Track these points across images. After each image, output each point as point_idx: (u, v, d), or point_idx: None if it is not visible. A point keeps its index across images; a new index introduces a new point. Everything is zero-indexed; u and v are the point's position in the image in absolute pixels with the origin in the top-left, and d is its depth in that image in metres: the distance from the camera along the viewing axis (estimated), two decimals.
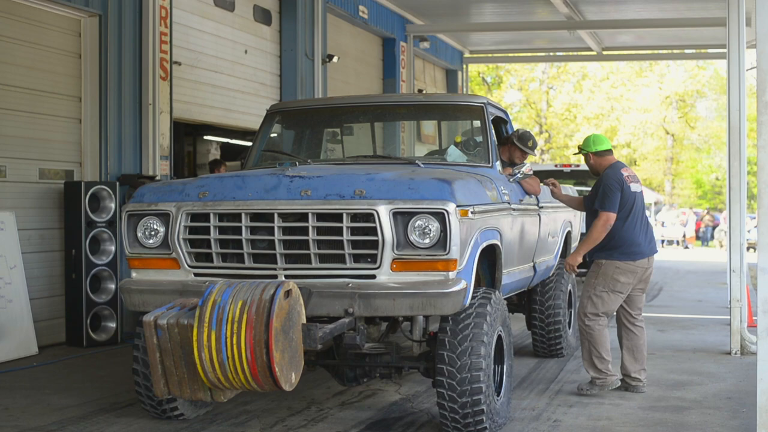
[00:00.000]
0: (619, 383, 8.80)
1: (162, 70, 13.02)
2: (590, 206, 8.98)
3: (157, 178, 12.58)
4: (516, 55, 30.89)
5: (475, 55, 28.56)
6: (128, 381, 9.39)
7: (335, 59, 18.54)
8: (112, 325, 11.79)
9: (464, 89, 27.87)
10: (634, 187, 8.77)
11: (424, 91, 24.27)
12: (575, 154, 9.40)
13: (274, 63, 17.20)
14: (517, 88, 56.39)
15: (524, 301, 10.87)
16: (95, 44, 12.14)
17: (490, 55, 29.97)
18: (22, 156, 11.34)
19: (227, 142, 18.99)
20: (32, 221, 11.49)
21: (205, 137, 18.35)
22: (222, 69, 15.45)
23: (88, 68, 12.14)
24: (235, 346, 6.01)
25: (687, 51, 29.78)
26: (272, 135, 9.61)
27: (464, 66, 27.88)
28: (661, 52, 30.44)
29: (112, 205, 11.77)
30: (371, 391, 8.95)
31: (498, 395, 7.36)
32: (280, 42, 17.31)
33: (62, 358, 10.78)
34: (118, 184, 11.99)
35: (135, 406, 8.27)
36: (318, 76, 17.86)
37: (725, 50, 12.01)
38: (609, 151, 8.96)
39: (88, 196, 11.49)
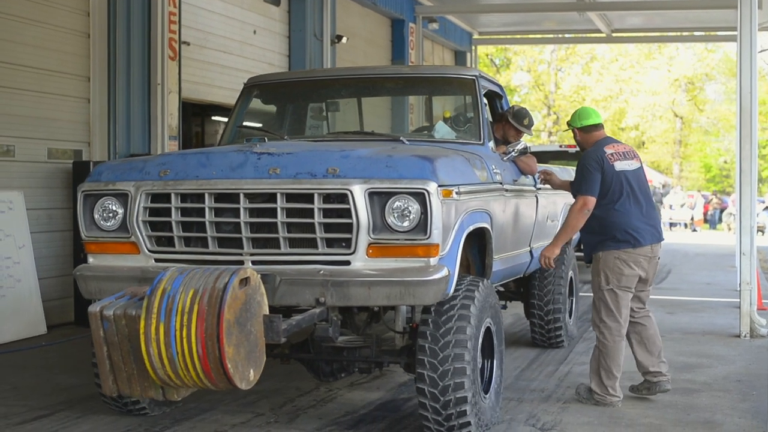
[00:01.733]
0: (620, 405, 7.69)
1: (171, 50, 12.98)
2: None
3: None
4: (525, 36, 30.80)
5: (483, 37, 28.47)
6: None
7: (344, 40, 18.51)
8: None
9: None
10: (621, 165, 7.73)
11: None
12: (565, 130, 8.63)
13: (282, 43, 17.16)
14: (526, 70, 56.29)
15: (521, 288, 10.27)
16: (104, 24, 12.12)
17: (499, 36, 29.91)
18: (30, 135, 11.32)
19: None
20: (41, 201, 11.48)
21: (213, 118, 18.33)
22: (231, 49, 15.42)
23: (97, 48, 12.12)
24: (185, 340, 5.38)
25: (696, 33, 29.66)
26: (251, 110, 9.05)
27: (473, 47, 27.82)
28: (670, 34, 30.30)
29: None
30: (380, 372, 8.92)
31: (486, 393, 6.83)
32: (289, 22, 17.29)
33: (71, 338, 10.77)
34: None
35: None
36: (327, 57, 17.83)
37: (735, 33, 11.96)
38: (596, 126, 7.98)
39: None
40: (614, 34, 26.79)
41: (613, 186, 7.69)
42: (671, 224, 43.45)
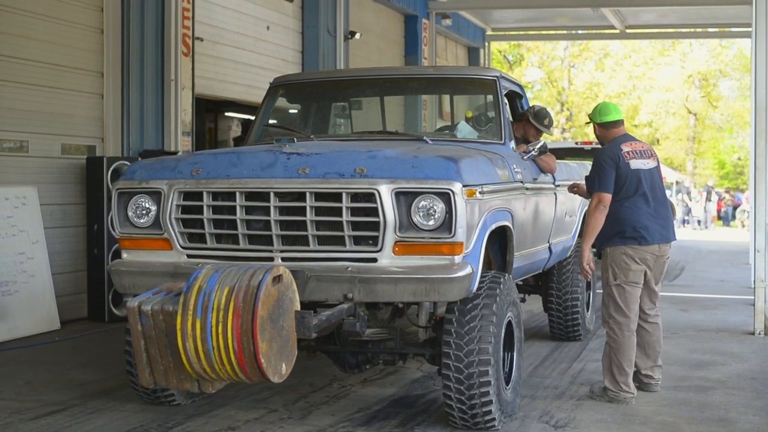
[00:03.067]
0: (634, 402, 7.70)
1: (184, 45, 13.00)
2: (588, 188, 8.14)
3: (179, 154, 12.57)
4: (538, 32, 30.79)
5: (497, 33, 28.46)
6: None
7: (357, 36, 18.50)
8: None
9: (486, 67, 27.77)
10: (636, 163, 7.78)
11: None
12: (587, 123, 8.66)
13: (296, 39, 17.16)
14: (539, 66, 56.18)
15: (540, 283, 10.48)
16: (117, 19, 12.13)
17: (512, 32, 29.86)
18: (44, 131, 11.34)
19: (248, 119, 18.97)
20: (54, 196, 11.50)
21: (227, 114, 18.35)
22: (244, 45, 15.42)
23: (110, 43, 12.14)
24: (221, 336, 5.58)
25: (710, 29, 29.58)
26: (277, 109, 9.27)
27: (486, 44, 27.78)
28: (684, 30, 30.22)
29: None
30: (393, 368, 8.92)
31: (507, 385, 7.02)
32: (302, 18, 17.29)
33: (84, 333, 10.81)
34: (140, 159, 11.98)
35: None
36: (340, 53, 17.82)
37: (749, 29, 11.91)
38: (616, 123, 8.00)
39: (110, 172, 11.50)
40: (628, 31, 26.77)
41: (627, 184, 7.74)
42: (684, 221, 43.33)
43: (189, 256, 6.70)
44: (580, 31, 31.03)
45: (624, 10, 24.16)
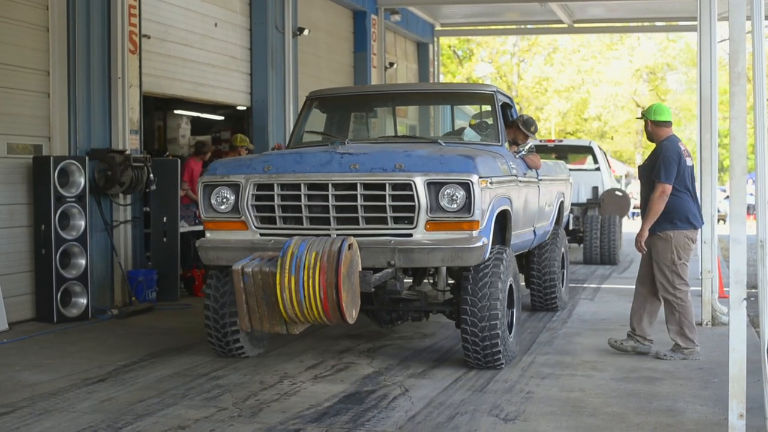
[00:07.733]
0: (701, 357, 9.23)
1: (131, 43, 12.90)
2: (646, 177, 9.35)
3: (127, 152, 12.50)
4: (487, 27, 30.82)
5: (446, 28, 28.46)
6: (100, 356, 9.38)
7: (306, 32, 18.44)
8: (83, 300, 11.71)
9: (435, 62, 27.81)
10: (689, 161, 9.26)
11: (395, 65, 24.23)
12: (638, 118, 9.89)
13: (244, 36, 17.09)
14: (488, 61, 56.36)
15: (524, 262, 12.18)
16: (63, 17, 11.99)
17: (461, 27, 29.88)
18: None
19: (197, 116, 18.86)
20: (0, 196, 11.34)
21: (176, 111, 18.22)
22: (192, 42, 15.32)
23: (56, 42, 11.98)
24: (310, 288, 7.53)
25: (658, 24, 29.79)
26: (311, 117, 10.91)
27: (435, 39, 27.81)
28: (631, 24, 30.42)
29: (82, 180, 11.67)
30: (344, 364, 8.95)
31: (510, 333, 8.86)
32: (250, 15, 17.20)
33: (33, 335, 10.71)
34: (87, 158, 11.89)
35: (106, 382, 8.25)
36: (288, 50, 17.77)
37: (696, 23, 12.03)
38: (667, 123, 9.35)
39: (57, 171, 11.38)
40: (576, 25, 26.86)
41: (683, 176, 9.18)
42: (633, 213, 43.57)
43: (261, 234, 8.63)
44: (528, 26, 31.09)
45: (572, 4, 24.24)
